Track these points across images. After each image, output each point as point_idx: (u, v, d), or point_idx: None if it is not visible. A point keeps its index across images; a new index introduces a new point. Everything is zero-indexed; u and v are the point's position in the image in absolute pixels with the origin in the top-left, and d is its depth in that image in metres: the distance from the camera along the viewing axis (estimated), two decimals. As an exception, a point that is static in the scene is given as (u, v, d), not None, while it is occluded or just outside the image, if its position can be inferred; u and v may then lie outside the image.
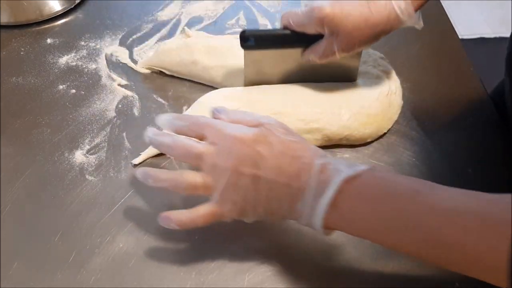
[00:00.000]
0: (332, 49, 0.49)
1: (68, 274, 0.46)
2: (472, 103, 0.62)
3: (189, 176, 0.43)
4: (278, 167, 0.40)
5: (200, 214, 0.43)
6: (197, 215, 0.43)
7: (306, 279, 0.47)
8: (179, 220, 0.43)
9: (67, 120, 0.58)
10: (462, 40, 0.69)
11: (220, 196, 0.42)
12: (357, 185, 0.39)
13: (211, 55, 0.60)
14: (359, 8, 0.46)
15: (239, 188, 0.41)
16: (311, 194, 0.39)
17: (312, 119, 0.54)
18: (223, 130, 0.42)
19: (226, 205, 0.42)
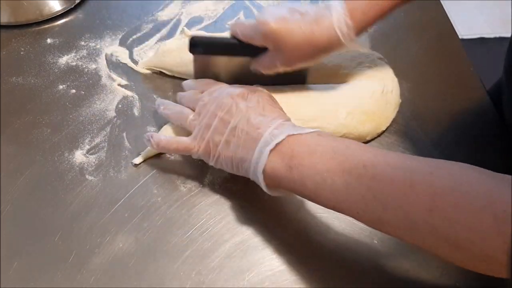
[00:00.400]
0: (275, 63, 0.51)
1: (68, 274, 0.46)
2: (472, 103, 0.62)
3: (187, 111, 0.51)
4: (245, 118, 0.46)
5: (175, 142, 0.50)
6: (171, 141, 0.50)
7: (306, 279, 0.47)
8: (157, 140, 0.50)
9: (67, 120, 0.58)
10: (462, 40, 0.69)
11: (196, 132, 0.49)
12: (300, 138, 0.43)
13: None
14: (303, 28, 0.48)
15: (210, 128, 0.47)
16: (262, 144, 0.44)
17: (311, 119, 0.54)
18: (223, 86, 0.52)
19: (197, 141, 0.48)
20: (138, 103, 0.60)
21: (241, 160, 0.46)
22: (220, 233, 0.49)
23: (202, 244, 0.49)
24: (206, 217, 0.51)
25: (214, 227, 0.50)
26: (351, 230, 0.50)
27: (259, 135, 0.45)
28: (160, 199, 0.52)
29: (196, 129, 0.49)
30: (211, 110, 0.48)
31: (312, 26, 0.48)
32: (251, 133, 0.45)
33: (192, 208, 0.51)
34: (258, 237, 0.49)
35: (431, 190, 0.35)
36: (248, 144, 0.45)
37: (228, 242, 0.49)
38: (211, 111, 0.48)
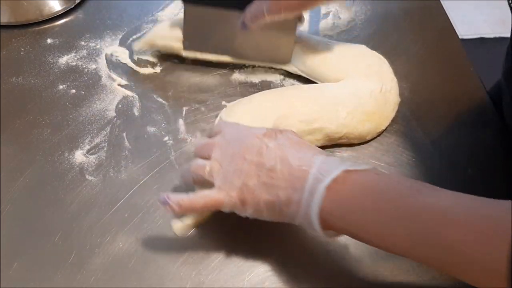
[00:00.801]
0: (261, 10, 0.51)
1: (68, 274, 0.46)
2: (472, 103, 0.62)
3: (198, 161, 0.45)
4: (281, 157, 0.41)
5: (200, 198, 0.43)
6: (196, 199, 0.43)
7: (306, 279, 0.47)
8: (177, 201, 0.43)
9: (67, 120, 0.58)
10: (462, 40, 0.69)
11: (222, 181, 0.42)
12: (357, 177, 0.39)
13: None
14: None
15: (241, 173, 0.42)
16: (311, 182, 0.39)
17: (312, 119, 0.54)
18: (238, 127, 0.46)
19: (227, 192, 0.42)
20: (138, 103, 0.60)
21: (286, 202, 0.40)
22: (220, 233, 0.49)
23: (202, 244, 0.48)
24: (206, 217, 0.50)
25: (214, 227, 0.50)
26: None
27: (305, 173, 0.40)
28: (160, 199, 0.51)
29: (220, 177, 0.43)
30: (236, 154, 0.42)
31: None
32: (294, 172, 0.40)
33: (192, 208, 0.51)
34: (258, 237, 0.49)
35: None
36: (293, 185, 0.40)
37: (228, 242, 0.49)
38: (236, 155, 0.42)
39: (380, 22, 0.68)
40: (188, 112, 0.59)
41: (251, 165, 0.41)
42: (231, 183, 0.42)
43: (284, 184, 0.40)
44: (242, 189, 0.42)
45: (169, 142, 0.56)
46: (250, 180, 0.41)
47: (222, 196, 0.42)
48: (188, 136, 0.57)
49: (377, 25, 0.66)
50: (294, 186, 0.40)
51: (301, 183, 0.40)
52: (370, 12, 0.72)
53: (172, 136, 0.57)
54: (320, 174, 0.39)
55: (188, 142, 0.57)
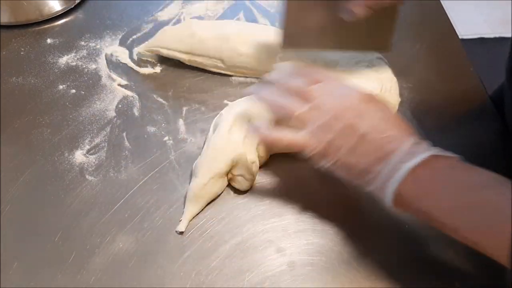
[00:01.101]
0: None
1: (68, 274, 0.46)
2: (472, 103, 0.62)
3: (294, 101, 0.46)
4: (375, 127, 0.43)
5: (288, 136, 0.45)
6: (284, 134, 0.46)
7: (306, 279, 0.47)
8: (265, 132, 0.46)
9: (67, 120, 0.58)
10: (462, 40, 0.69)
11: (313, 130, 0.44)
12: (442, 163, 0.41)
13: (208, 28, 0.61)
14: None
15: (332, 130, 0.43)
16: (397, 159, 0.41)
17: None
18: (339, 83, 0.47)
19: (313, 140, 0.44)
20: (138, 103, 0.60)
21: (365, 170, 0.42)
22: (220, 233, 0.49)
23: (202, 244, 0.49)
24: (206, 217, 0.51)
25: (214, 227, 0.50)
26: (350, 230, 0.50)
27: (393, 149, 0.41)
28: (160, 199, 0.52)
29: (310, 126, 0.44)
30: (333, 109, 0.44)
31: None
32: (383, 145, 0.42)
33: (192, 208, 0.51)
34: (258, 237, 0.49)
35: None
36: (378, 157, 0.42)
37: (228, 243, 0.49)
38: (333, 110, 0.44)
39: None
40: (188, 112, 0.60)
41: (345, 125, 0.43)
42: (321, 135, 0.44)
43: (370, 153, 0.42)
44: (329, 144, 0.43)
45: (169, 142, 0.56)
46: (339, 139, 0.43)
47: (308, 144, 0.44)
48: (188, 136, 0.57)
49: (377, 25, 0.66)
50: (378, 158, 0.42)
51: (386, 158, 0.41)
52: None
53: (172, 136, 0.57)
54: (407, 155, 0.41)
55: (188, 142, 0.57)
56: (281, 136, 0.46)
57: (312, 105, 0.45)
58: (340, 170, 0.45)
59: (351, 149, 0.43)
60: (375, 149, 0.42)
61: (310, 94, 0.46)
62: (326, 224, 0.50)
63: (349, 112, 0.43)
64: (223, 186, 0.51)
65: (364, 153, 0.42)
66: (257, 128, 0.47)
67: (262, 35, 0.61)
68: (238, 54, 0.60)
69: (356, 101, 0.44)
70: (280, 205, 0.52)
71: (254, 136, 0.48)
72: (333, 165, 0.44)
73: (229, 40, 0.60)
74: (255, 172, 0.52)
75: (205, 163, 0.51)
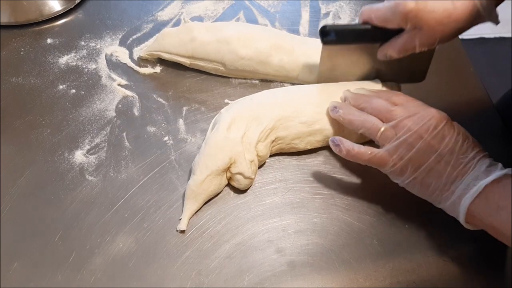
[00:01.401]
0: (413, 43, 0.50)
1: (68, 274, 0.46)
2: (472, 102, 0.62)
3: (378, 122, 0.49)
4: (452, 149, 0.45)
5: (367, 153, 0.48)
6: (364, 152, 0.48)
7: (305, 279, 0.47)
8: (348, 147, 0.49)
9: (67, 120, 0.58)
10: (462, 40, 0.69)
11: (393, 148, 0.47)
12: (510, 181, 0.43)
13: (209, 31, 0.61)
14: (443, 4, 0.47)
15: (412, 149, 0.46)
16: (472, 178, 0.44)
17: (314, 121, 0.54)
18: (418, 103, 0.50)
19: (394, 156, 0.47)
20: (138, 103, 0.60)
21: (440, 189, 0.46)
22: (220, 233, 0.49)
23: (202, 244, 0.49)
24: (206, 217, 0.51)
25: (214, 227, 0.50)
26: (350, 231, 0.50)
27: (468, 169, 0.45)
28: (160, 199, 0.52)
29: (392, 144, 0.47)
30: (414, 130, 0.46)
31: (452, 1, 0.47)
32: (460, 166, 0.45)
33: (192, 208, 0.51)
34: (258, 237, 0.49)
35: None
36: (454, 176, 0.45)
37: (228, 243, 0.49)
38: (413, 130, 0.46)
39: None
40: (188, 112, 0.60)
41: (425, 145, 0.46)
42: (401, 152, 0.46)
43: (446, 173, 0.45)
44: (408, 161, 0.46)
45: (169, 142, 0.56)
46: (419, 157, 0.46)
47: (388, 160, 0.47)
48: (188, 136, 0.57)
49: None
50: (454, 177, 0.45)
51: (461, 177, 0.44)
52: (370, 12, 0.72)
53: (172, 136, 0.57)
54: (481, 174, 0.44)
55: (188, 142, 0.57)
56: (364, 151, 0.49)
57: (394, 123, 0.48)
58: (416, 187, 0.47)
59: (429, 168, 0.46)
60: (452, 169, 0.45)
61: (392, 115, 0.49)
62: (326, 224, 0.50)
63: (429, 133, 0.46)
64: (221, 184, 0.51)
65: (441, 172, 0.45)
66: (338, 142, 0.50)
67: (262, 36, 0.61)
68: (239, 58, 0.60)
69: (436, 122, 0.47)
70: (280, 205, 0.52)
71: (336, 149, 0.50)
72: (410, 182, 0.47)
73: (229, 44, 0.60)
74: (254, 171, 0.52)
75: (202, 160, 0.51)
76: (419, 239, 0.50)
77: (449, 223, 0.50)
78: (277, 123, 0.53)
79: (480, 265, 0.48)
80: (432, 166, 0.45)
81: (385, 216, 0.51)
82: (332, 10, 0.72)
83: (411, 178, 0.47)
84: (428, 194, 0.47)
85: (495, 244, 0.49)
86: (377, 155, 0.48)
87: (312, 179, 0.54)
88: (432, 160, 0.45)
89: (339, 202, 0.52)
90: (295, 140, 0.54)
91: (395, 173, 0.48)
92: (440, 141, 0.46)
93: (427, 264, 0.48)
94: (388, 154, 0.47)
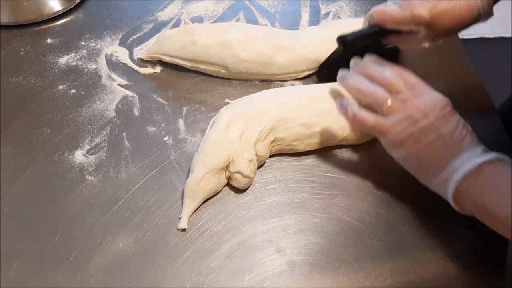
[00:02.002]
0: (421, 41, 0.55)
1: (68, 274, 0.46)
2: (472, 102, 0.62)
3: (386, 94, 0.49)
4: (452, 132, 0.47)
5: (372, 119, 0.49)
6: (369, 117, 0.49)
7: (305, 279, 0.47)
8: (355, 110, 0.49)
9: (67, 120, 0.58)
10: (462, 40, 0.69)
11: (397, 120, 0.48)
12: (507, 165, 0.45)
13: (209, 34, 0.61)
14: (452, 11, 0.53)
15: (416, 125, 0.47)
16: (467, 157, 0.45)
17: (313, 123, 0.54)
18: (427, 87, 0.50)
19: (396, 127, 0.48)
20: (138, 103, 0.60)
21: (435, 165, 0.47)
22: (220, 233, 0.49)
23: (202, 244, 0.49)
24: (206, 217, 0.51)
25: (214, 227, 0.50)
26: (350, 231, 0.50)
27: (462, 150, 0.46)
28: (160, 199, 0.52)
29: (398, 116, 0.48)
30: (421, 108, 0.48)
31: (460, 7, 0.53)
32: (457, 146, 0.46)
33: (192, 208, 0.51)
34: (258, 237, 0.49)
35: None
36: (450, 154, 0.46)
37: (228, 243, 0.49)
38: (420, 109, 0.48)
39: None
40: (188, 112, 0.60)
41: (428, 124, 0.47)
42: (404, 126, 0.47)
43: (444, 150, 0.46)
44: (410, 136, 0.47)
45: (169, 142, 0.56)
46: (421, 133, 0.47)
47: (391, 131, 0.48)
48: (188, 136, 0.57)
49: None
50: (450, 155, 0.46)
51: (457, 156, 0.46)
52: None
53: (172, 136, 0.57)
54: (476, 155, 0.45)
55: (188, 142, 0.57)
56: (368, 117, 0.49)
57: (403, 98, 0.49)
58: (412, 163, 0.49)
59: (428, 144, 0.47)
60: (449, 149, 0.46)
61: (402, 90, 0.49)
62: (326, 224, 0.50)
63: (434, 113, 0.47)
64: (219, 183, 0.51)
65: (438, 150, 0.47)
66: (346, 105, 0.50)
67: (263, 38, 0.61)
68: (241, 61, 0.60)
69: (442, 105, 0.48)
70: (280, 205, 0.52)
71: (342, 111, 0.50)
72: (407, 157, 0.48)
73: (231, 48, 0.60)
74: (253, 170, 0.52)
75: (200, 159, 0.51)
76: (419, 239, 0.50)
77: (449, 223, 0.50)
78: (276, 124, 0.53)
79: (480, 265, 0.48)
80: (431, 144, 0.47)
81: (385, 216, 0.51)
82: (332, 10, 0.72)
83: (411, 151, 0.48)
84: (422, 171, 0.48)
85: (495, 244, 0.49)
86: (381, 123, 0.49)
87: (312, 179, 0.54)
88: (432, 139, 0.47)
89: (339, 202, 0.52)
90: (294, 142, 0.54)
91: (395, 144, 0.48)
92: (442, 124, 0.47)
93: (427, 264, 0.48)
94: (392, 124, 0.48)
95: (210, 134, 0.52)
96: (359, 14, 0.72)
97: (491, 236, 0.44)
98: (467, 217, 0.45)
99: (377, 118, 0.49)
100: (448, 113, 0.48)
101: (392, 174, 0.54)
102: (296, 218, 0.51)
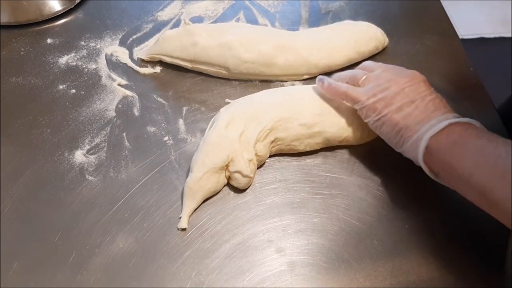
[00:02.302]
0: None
1: (68, 274, 0.46)
2: (472, 102, 0.61)
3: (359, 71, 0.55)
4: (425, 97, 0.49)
5: (345, 88, 0.53)
6: (342, 86, 0.53)
7: (306, 279, 0.47)
8: (330, 81, 0.55)
9: (67, 120, 0.58)
10: (462, 40, 0.69)
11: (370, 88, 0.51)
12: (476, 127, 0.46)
13: (210, 36, 0.61)
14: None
15: (386, 90, 0.50)
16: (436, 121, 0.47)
17: (313, 123, 0.54)
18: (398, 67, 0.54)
19: (368, 93, 0.51)
20: (138, 103, 0.60)
21: (407, 127, 0.48)
22: (220, 233, 0.49)
23: (202, 244, 0.49)
24: (206, 217, 0.51)
25: (214, 227, 0.50)
26: (350, 231, 0.50)
27: (434, 114, 0.48)
28: (160, 199, 0.52)
29: (369, 85, 0.52)
30: (392, 77, 0.51)
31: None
32: (428, 110, 0.48)
33: (192, 208, 0.51)
34: (258, 237, 0.49)
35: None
36: (421, 117, 0.48)
37: (228, 243, 0.49)
38: (392, 78, 0.51)
39: (380, 22, 0.68)
40: (188, 112, 0.60)
41: (399, 89, 0.50)
42: (376, 92, 0.51)
43: (415, 114, 0.48)
44: (381, 100, 0.50)
45: (169, 142, 0.56)
46: (391, 98, 0.50)
47: (362, 96, 0.51)
48: (188, 136, 0.57)
49: (377, 25, 0.66)
50: (421, 119, 0.48)
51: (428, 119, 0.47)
52: (370, 13, 0.72)
53: (172, 136, 0.57)
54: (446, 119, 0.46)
55: (188, 142, 0.57)
56: (341, 85, 0.53)
57: (376, 73, 0.53)
58: (384, 127, 0.50)
59: (400, 108, 0.49)
60: (420, 112, 0.48)
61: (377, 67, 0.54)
62: (326, 224, 0.50)
63: (404, 81, 0.50)
64: (219, 182, 0.51)
65: (410, 113, 0.48)
66: (323, 78, 0.55)
67: (264, 39, 0.61)
68: (242, 62, 0.60)
69: (415, 76, 0.51)
70: (280, 205, 0.52)
71: (319, 84, 0.55)
72: (380, 119, 0.50)
73: (232, 49, 0.60)
74: (252, 170, 0.52)
75: (199, 158, 0.51)
76: (419, 239, 0.50)
77: (449, 223, 0.50)
78: (276, 124, 0.53)
79: (480, 265, 0.48)
80: (402, 107, 0.49)
81: (385, 216, 0.51)
82: (332, 10, 0.72)
83: (382, 114, 0.49)
84: (393, 135, 0.49)
85: (495, 244, 0.49)
86: (353, 89, 0.52)
87: (312, 179, 0.54)
88: (403, 102, 0.49)
89: (339, 202, 0.52)
90: (294, 142, 0.54)
91: (368, 109, 0.51)
92: (414, 91, 0.50)
93: (427, 264, 0.48)
94: (364, 92, 0.51)
95: (210, 134, 0.52)
96: (359, 14, 0.72)
97: (491, 236, 0.44)
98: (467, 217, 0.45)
99: (350, 86, 0.53)
100: (423, 85, 0.50)
101: (392, 174, 0.54)
102: (296, 218, 0.51)
